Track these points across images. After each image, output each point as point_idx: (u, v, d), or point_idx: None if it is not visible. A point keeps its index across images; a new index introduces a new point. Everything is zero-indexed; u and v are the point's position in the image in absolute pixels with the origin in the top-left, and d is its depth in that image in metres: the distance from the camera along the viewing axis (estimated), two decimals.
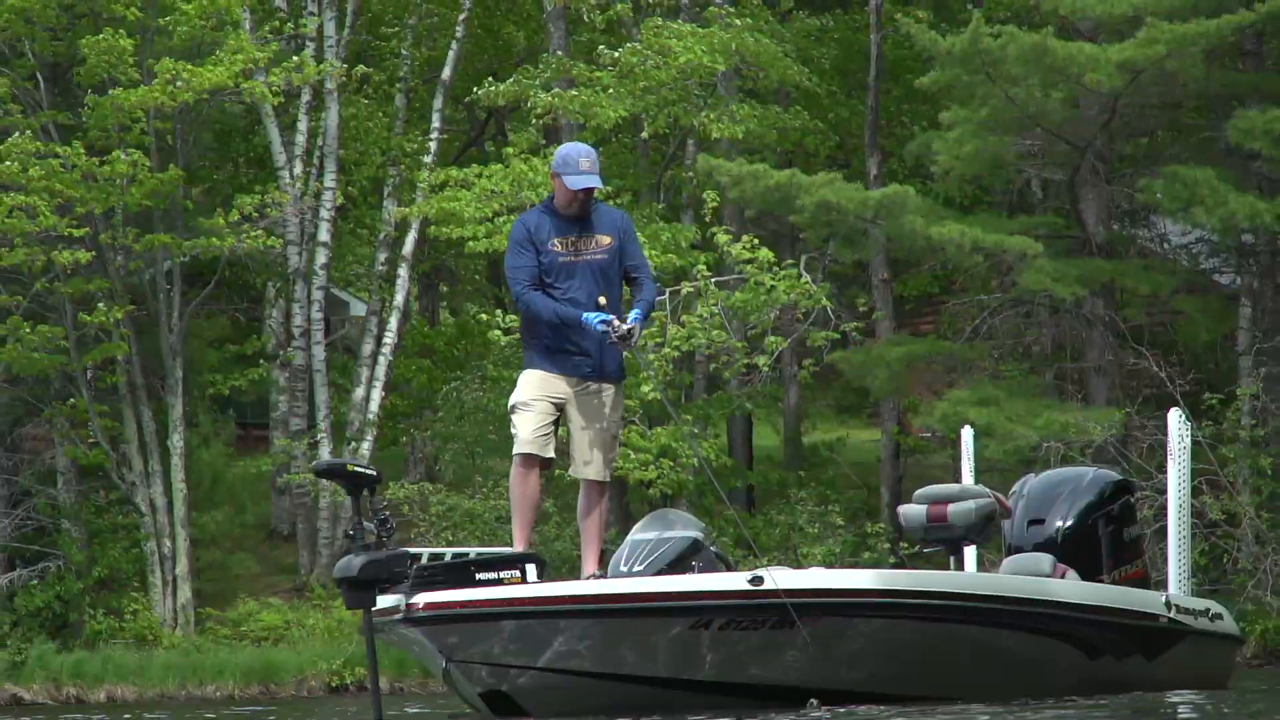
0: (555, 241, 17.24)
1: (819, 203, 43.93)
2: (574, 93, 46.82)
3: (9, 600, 49.43)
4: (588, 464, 17.23)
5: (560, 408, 17.28)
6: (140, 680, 45.96)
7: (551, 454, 17.33)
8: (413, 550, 16.23)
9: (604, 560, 17.85)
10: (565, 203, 17.41)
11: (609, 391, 17.46)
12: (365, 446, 49.15)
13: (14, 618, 49.04)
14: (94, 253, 46.97)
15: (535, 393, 17.24)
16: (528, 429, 17.13)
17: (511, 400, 17.44)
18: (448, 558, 16.89)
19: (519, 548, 16.92)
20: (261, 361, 52.99)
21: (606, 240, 17.32)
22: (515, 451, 17.31)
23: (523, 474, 17.27)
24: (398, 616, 15.84)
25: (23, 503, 50.81)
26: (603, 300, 17.08)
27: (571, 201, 17.34)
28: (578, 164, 17.31)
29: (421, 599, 15.71)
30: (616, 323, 16.84)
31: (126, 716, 25.72)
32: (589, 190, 17.35)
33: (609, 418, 17.42)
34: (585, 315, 16.92)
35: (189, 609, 48.84)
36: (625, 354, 17.45)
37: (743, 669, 16.29)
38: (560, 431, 17.50)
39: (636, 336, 17.14)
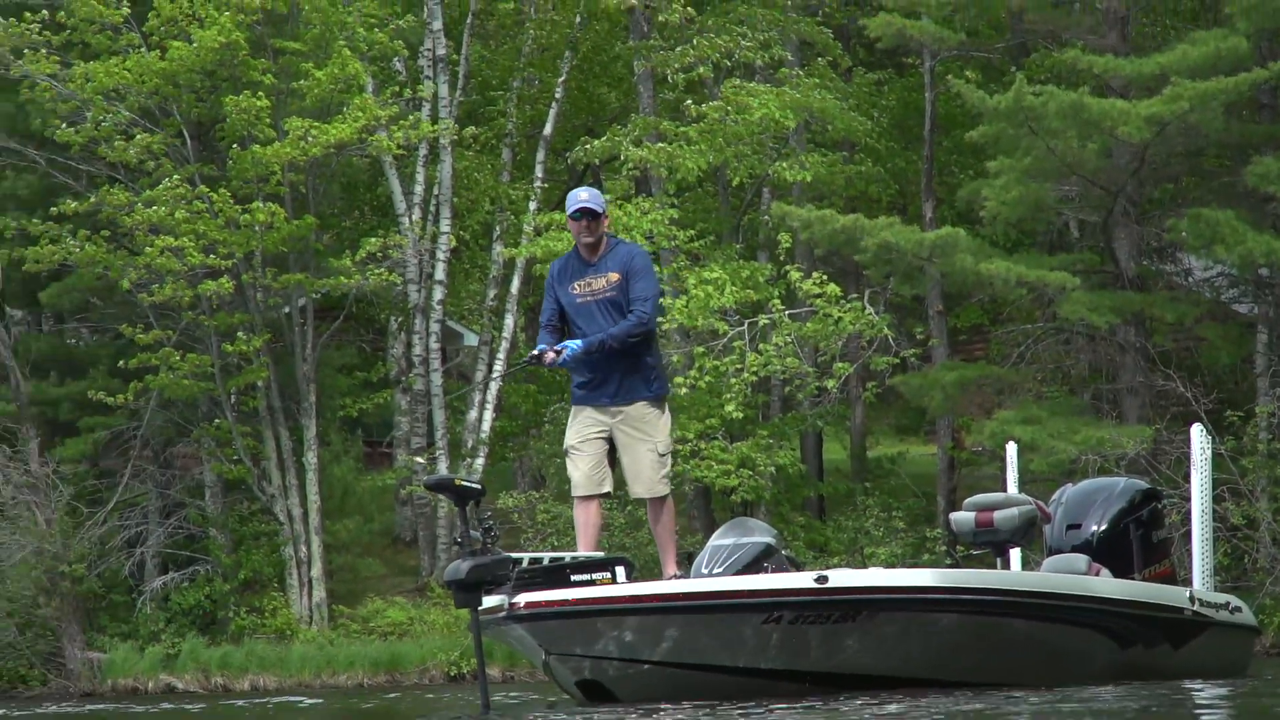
0: (575, 285, 17.51)
1: (880, 243, 44.07)
2: (661, 145, 46.96)
3: (164, 600, 49.81)
4: (637, 485, 17.62)
5: (608, 439, 17.58)
6: (280, 670, 46.31)
7: (607, 489, 17.77)
8: (514, 555, 16.41)
9: (684, 563, 18.28)
10: (576, 237, 17.74)
11: (644, 411, 17.58)
12: (479, 463, 49.29)
13: (168, 615, 49.42)
14: (234, 283, 47.35)
15: (582, 434, 17.66)
16: (579, 474, 17.63)
17: (565, 444, 17.89)
18: (545, 561, 16.79)
19: None
20: (385, 387, 53.34)
21: (615, 277, 17.35)
22: (573, 494, 17.91)
23: (582, 510, 17.81)
24: (502, 614, 16.10)
25: (175, 513, 51.11)
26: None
27: (579, 232, 17.59)
28: (576, 198, 17.66)
29: (522, 599, 15.96)
30: (549, 354, 17.34)
31: (270, 703, 25.82)
32: (584, 210, 17.50)
33: (652, 437, 17.55)
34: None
35: (323, 607, 49.06)
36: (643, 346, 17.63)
37: (811, 659, 16.35)
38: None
39: (551, 360, 17.39)
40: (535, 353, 17.60)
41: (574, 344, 17.24)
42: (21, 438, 50.56)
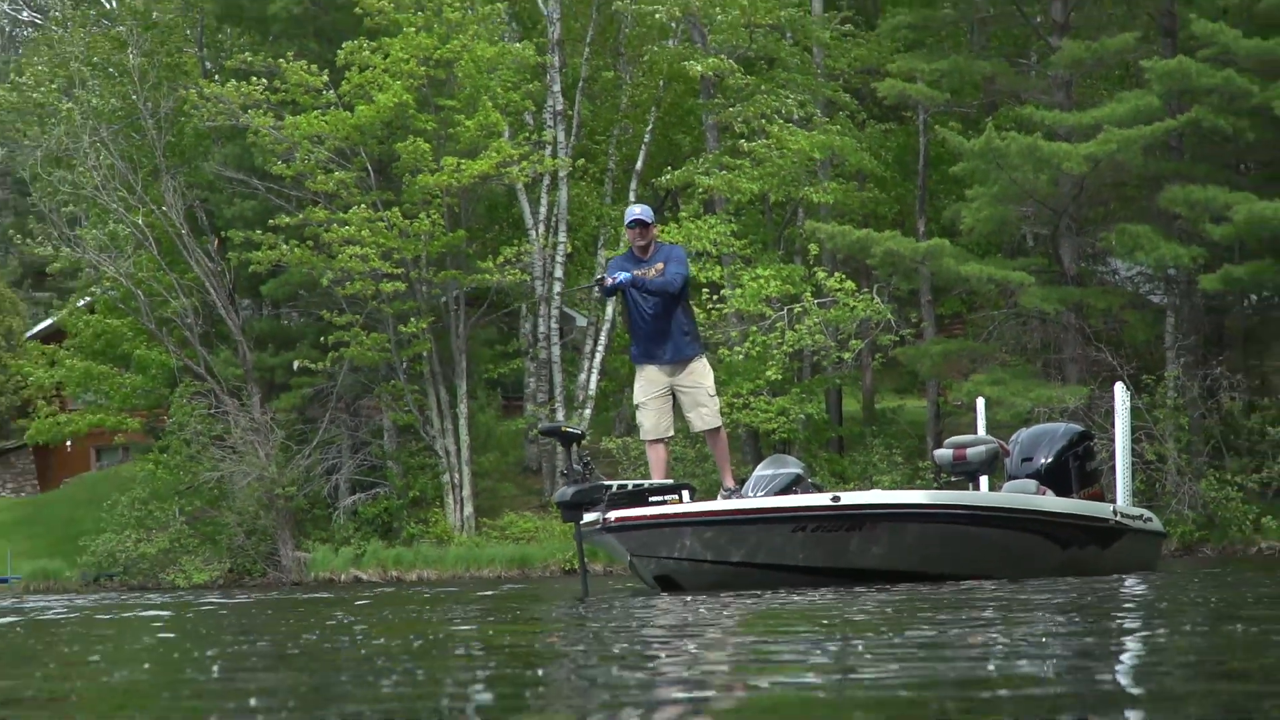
0: (631, 271, 17.70)
1: (885, 251, 44.18)
2: (723, 173, 47.14)
3: (353, 513, 50.02)
4: (697, 421, 17.94)
5: (669, 393, 17.84)
6: (439, 566, 46.43)
7: (670, 434, 18.18)
8: (606, 482, 16.94)
9: (737, 489, 18.39)
10: (631, 241, 18.08)
11: (692, 368, 17.89)
12: (586, 413, 49.41)
13: (356, 525, 49.64)
14: (407, 284, 47.56)
15: (648, 393, 17.96)
16: (649, 423, 18.03)
17: (634, 399, 18.24)
18: (629, 487, 17.09)
19: None
20: (517, 356, 53.39)
21: (660, 266, 17.61)
22: (643, 439, 18.42)
23: (652, 450, 18.19)
24: (597, 527, 16.42)
25: (361, 449, 51.31)
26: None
27: (634, 237, 17.98)
28: (632, 213, 18.05)
29: (612, 515, 16.30)
30: (608, 280, 17.84)
31: (429, 591, 25.81)
32: (637, 220, 17.92)
33: (700, 384, 17.91)
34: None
35: (471, 519, 49.13)
36: (678, 313, 17.87)
37: (828, 558, 16.57)
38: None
39: (609, 284, 17.77)
40: (598, 279, 18.56)
41: (625, 276, 17.60)
42: (246, 394, 50.87)
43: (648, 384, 17.94)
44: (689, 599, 14.16)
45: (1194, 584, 15.23)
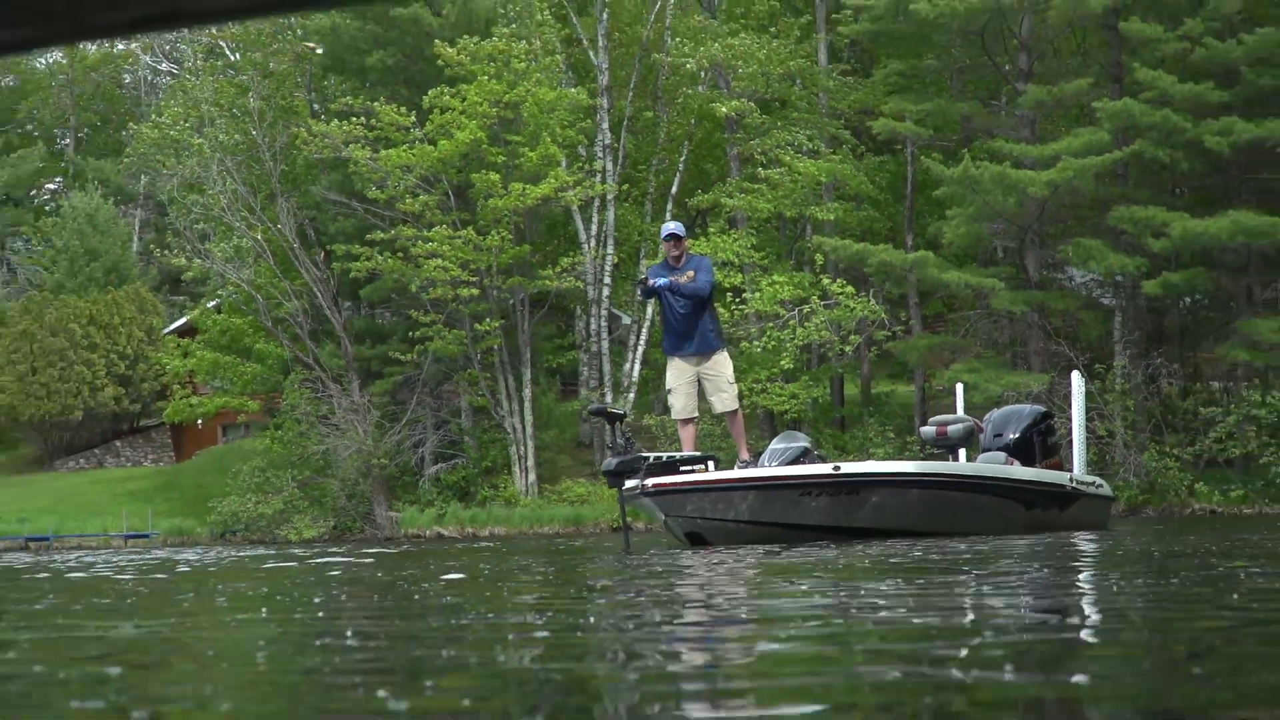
0: (667, 278, 17.70)
1: (879, 261, 44.35)
2: (744, 196, 47.24)
3: (435, 480, 50.14)
4: (719, 404, 17.95)
5: (695, 380, 17.80)
6: (507, 524, 46.49)
7: (695, 413, 18.10)
8: (645, 454, 16.89)
9: (754, 459, 18.49)
10: (667, 252, 18.05)
11: (715, 360, 17.84)
12: (630, 396, 49.35)
13: (438, 489, 49.76)
14: (480, 290, 47.57)
15: (678, 380, 17.92)
16: (679, 405, 18.03)
17: (667, 384, 18.27)
18: (664, 458, 17.11)
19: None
20: (573, 349, 53.44)
21: (691, 274, 17.56)
22: (674, 418, 18.50)
23: (682, 429, 18.15)
24: (637, 491, 16.42)
25: (442, 427, 51.42)
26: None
27: (670, 248, 18.00)
28: (668, 228, 18.16)
29: (650, 481, 16.37)
30: (650, 282, 17.87)
31: (496, 545, 25.96)
32: (672, 234, 18.01)
33: (721, 373, 17.86)
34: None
35: (534, 485, 49.18)
36: (704, 313, 17.88)
37: (830, 518, 16.58)
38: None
39: (651, 285, 17.80)
40: (641, 279, 18.84)
41: (663, 281, 17.60)
42: (347, 381, 50.92)
43: (678, 372, 17.94)
44: (715, 552, 14.15)
45: (1138, 540, 15.19)
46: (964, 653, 4.22)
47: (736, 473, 17.11)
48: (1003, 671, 3.80)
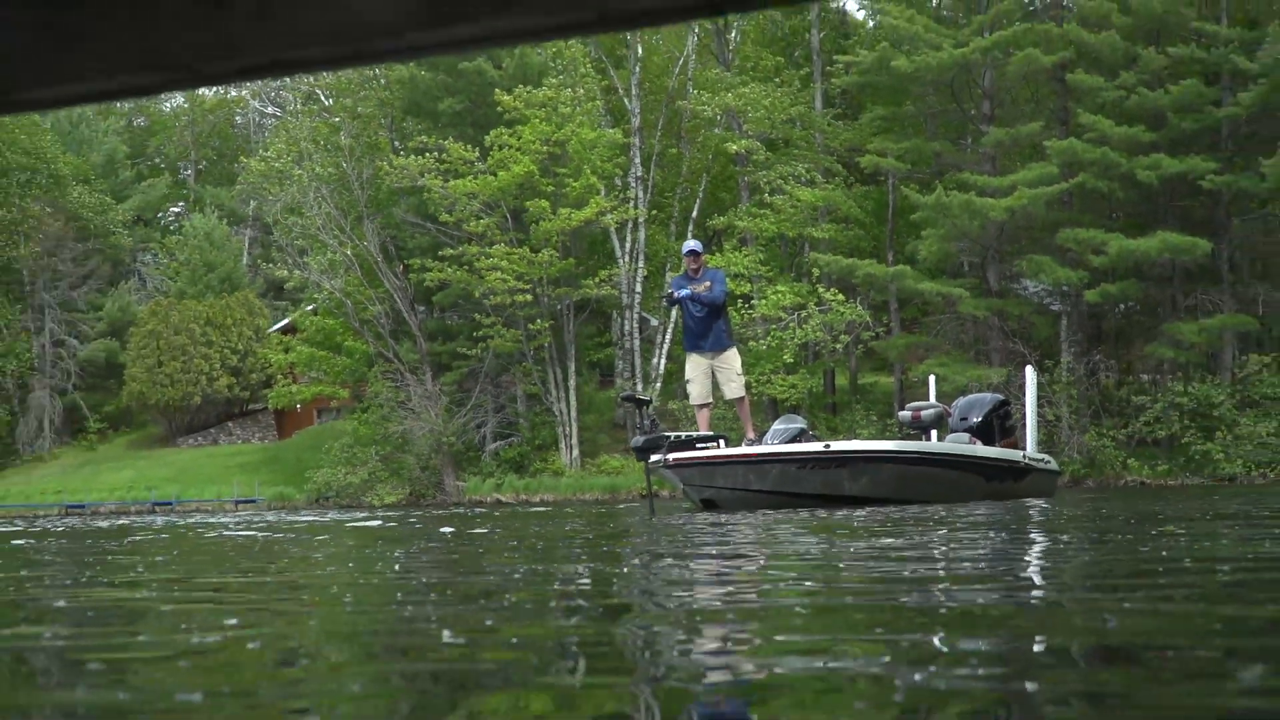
0: (687, 287, 17.77)
1: (865, 273, 44.29)
2: (752, 219, 47.18)
3: (495, 455, 50.17)
4: (729, 392, 17.92)
5: (710, 372, 17.85)
6: (555, 491, 46.50)
7: (710, 401, 18.05)
8: (667, 433, 16.89)
9: (759, 438, 18.54)
10: (686, 266, 18.01)
11: (726, 355, 17.89)
12: (657, 386, 49.35)
13: (497, 463, 49.79)
14: (533, 297, 47.60)
15: (695, 371, 18.00)
16: (696, 393, 18.07)
17: (686, 375, 18.27)
18: (683, 437, 17.08)
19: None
20: (610, 346, 53.39)
21: (707, 284, 17.63)
22: (692, 403, 18.42)
23: (699, 413, 18.09)
24: (661, 464, 16.55)
25: (501, 411, 51.44)
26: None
27: (689, 263, 17.97)
28: (688, 245, 18.00)
29: (671, 456, 16.50)
30: (675, 294, 17.91)
31: (546, 508, 25.94)
32: (691, 251, 17.96)
33: (731, 366, 17.91)
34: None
35: (577, 459, 49.20)
36: (718, 319, 17.95)
37: (820, 487, 16.48)
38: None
39: (675, 297, 17.89)
40: (667, 292, 18.45)
41: (685, 292, 17.69)
42: (421, 372, 50.96)
43: (695, 365, 18.05)
44: (726, 516, 14.16)
45: (1079, 506, 15.16)
46: (939, 586, 4.24)
47: (743, 450, 17.00)
48: (971, 597, 3.83)
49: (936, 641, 3.15)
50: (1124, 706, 2.30)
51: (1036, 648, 3.02)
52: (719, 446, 17.25)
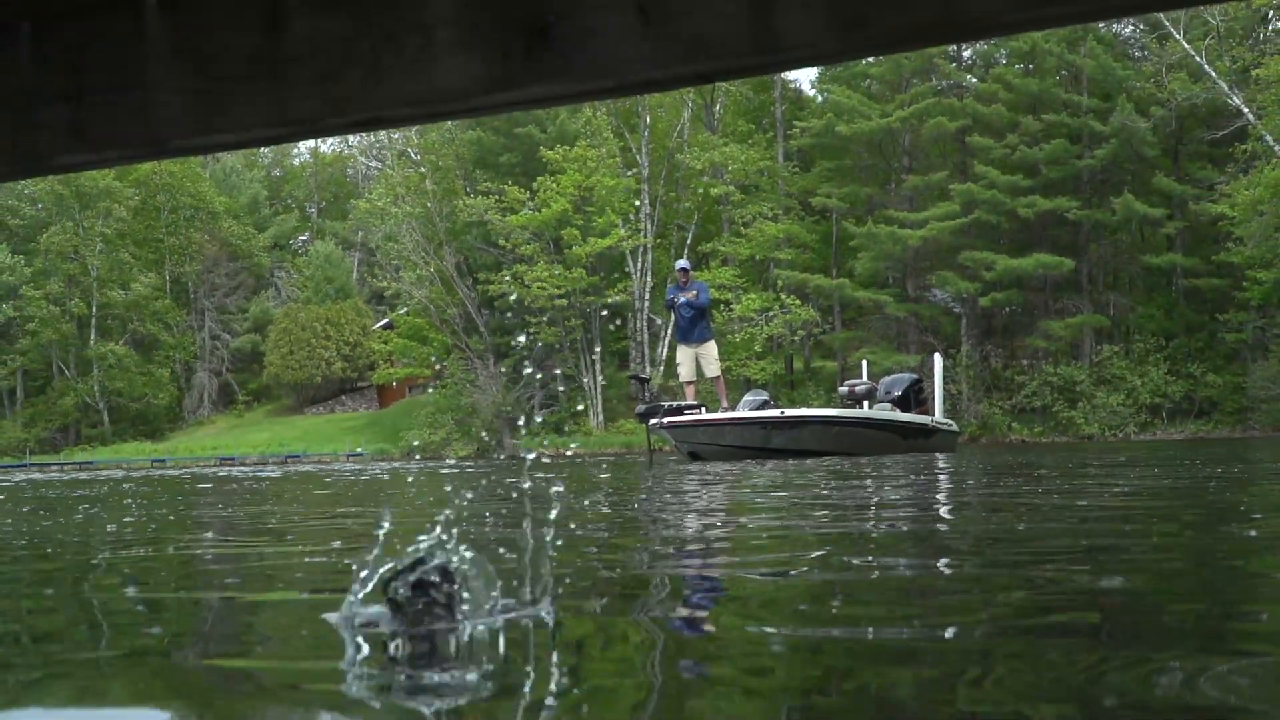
0: (679, 296, 17.76)
1: (816, 285, 44.20)
2: (731, 244, 47.00)
3: (541, 421, 49.93)
4: (709, 372, 17.83)
5: (695, 357, 17.75)
6: (586, 447, 46.03)
7: (694, 378, 17.90)
8: (663, 403, 16.95)
9: (733, 406, 18.49)
10: (678, 278, 17.94)
11: (707, 346, 17.83)
12: (660, 369, 48.99)
13: (542, 425, 49.59)
14: (568, 302, 47.53)
15: (684, 358, 17.93)
16: (683, 373, 17.98)
17: (677, 360, 18.19)
18: (675, 405, 17.01)
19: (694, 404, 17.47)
20: (625, 339, 53.23)
21: (694, 294, 17.64)
22: (681, 381, 18.21)
23: (686, 387, 17.99)
24: (658, 425, 16.48)
25: (545, 386, 50.81)
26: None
27: (680, 277, 17.91)
28: (679, 264, 18.00)
29: (666, 420, 16.40)
30: (674, 301, 17.77)
31: (578, 460, 26.01)
32: (682, 268, 17.94)
33: (711, 353, 17.87)
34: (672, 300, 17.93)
35: (602, 424, 48.96)
36: (702, 319, 17.83)
37: (779, 443, 16.37)
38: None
39: (671, 304, 17.85)
40: (669, 299, 18.15)
41: (683, 299, 17.65)
42: (486, 358, 50.90)
43: (683, 353, 18.09)
44: (708, 466, 14.15)
45: (974, 458, 15.14)
46: (870, 513, 4.23)
47: (719, 415, 16.92)
48: (896, 521, 3.83)
49: (870, 549, 3.15)
50: (993, 565, 2.30)
51: (942, 554, 3.03)
52: (701, 413, 17.11)
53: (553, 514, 2.85)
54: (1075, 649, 1.79)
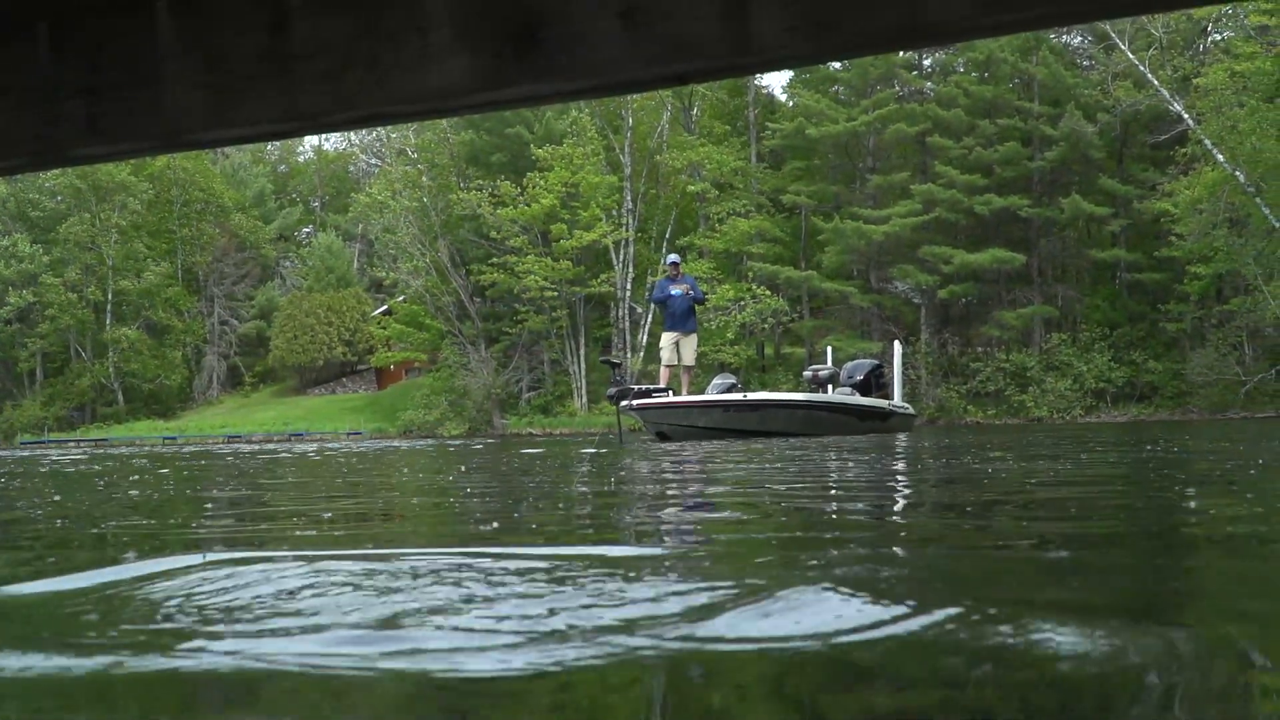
0: (669, 288, 17.65)
1: (786, 276, 44.10)
2: (707, 239, 46.94)
3: (529, 402, 49.87)
4: (687, 360, 17.67)
5: (677, 344, 17.62)
6: (570, 426, 45.88)
7: (674, 362, 17.75)
8: (634, 386, 16.69)
9: (702, 389, 18.47)
10: (668, 272, 17.90)
11: (691, 337, 17.70)
12: (640, 354, 49.18)
13: (530, 407, 49.51)
14: (556, 292, 47.40)
15: (669, 343, 17.71)
16: (666, 357, 17.76)
17: (660, 345, 17.90)
18: (644, 389, 16.92)
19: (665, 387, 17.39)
20: (609, 326, 53.11)
21: (684, 288, 17.51)
22: (663, 365, 17.92)
23: (664, 368, 17.84)
24: (629, 407, 16.28)
25: (534, 370, 51.06)
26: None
27: (670, 271, 17.89)
28: (668, 258, 17.99)
29: (635, 401, 16.21)
30: (669, 292, 17.61)
31: (564, 438, 26.01)
32: (673, 262, 17.91)
33: (690, 344, 17.72)
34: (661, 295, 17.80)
35: (585, 406, 48.83)
36: (692, 312, 17.71)
37: (743, 425, 16.30)
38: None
39: (662, 297, 17.66)
40: (662, 294, 17.88)
41: (677, 293, 17.54)
42: (478, 344, 50.73)
43: (669, 339, 17.86)
44: (677, 447, 14.15)
45: (929, 439, 15.18)
46: (831, 489, 4.25)
47: (685, 398, 16.77)
48: (852, 496, 3.85)
49: (829, 515, 3.17)
50: (957, 531, 2.32)
51: (895, 509, 3.05)
52: (669, 396, 17.04)
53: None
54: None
